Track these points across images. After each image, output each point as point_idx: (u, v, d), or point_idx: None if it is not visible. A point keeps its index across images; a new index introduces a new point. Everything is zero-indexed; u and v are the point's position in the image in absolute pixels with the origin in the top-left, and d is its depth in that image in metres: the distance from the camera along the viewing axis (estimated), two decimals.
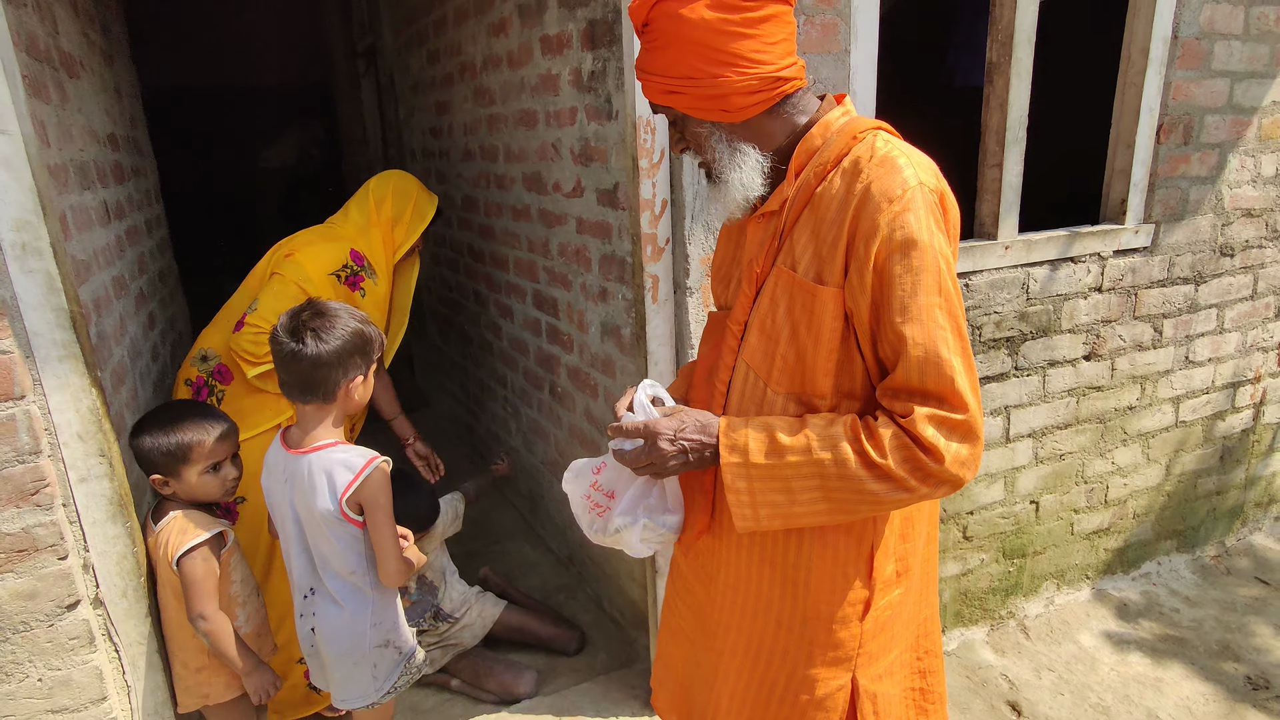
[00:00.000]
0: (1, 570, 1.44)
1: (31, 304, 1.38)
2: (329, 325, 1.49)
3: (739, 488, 1.08)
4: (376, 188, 2.45)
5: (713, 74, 1.04)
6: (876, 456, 1.01)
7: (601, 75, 2.02)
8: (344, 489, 1.49)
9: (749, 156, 1.10)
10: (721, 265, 1.29)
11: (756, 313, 1.13)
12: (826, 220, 1.06)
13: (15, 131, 1.31)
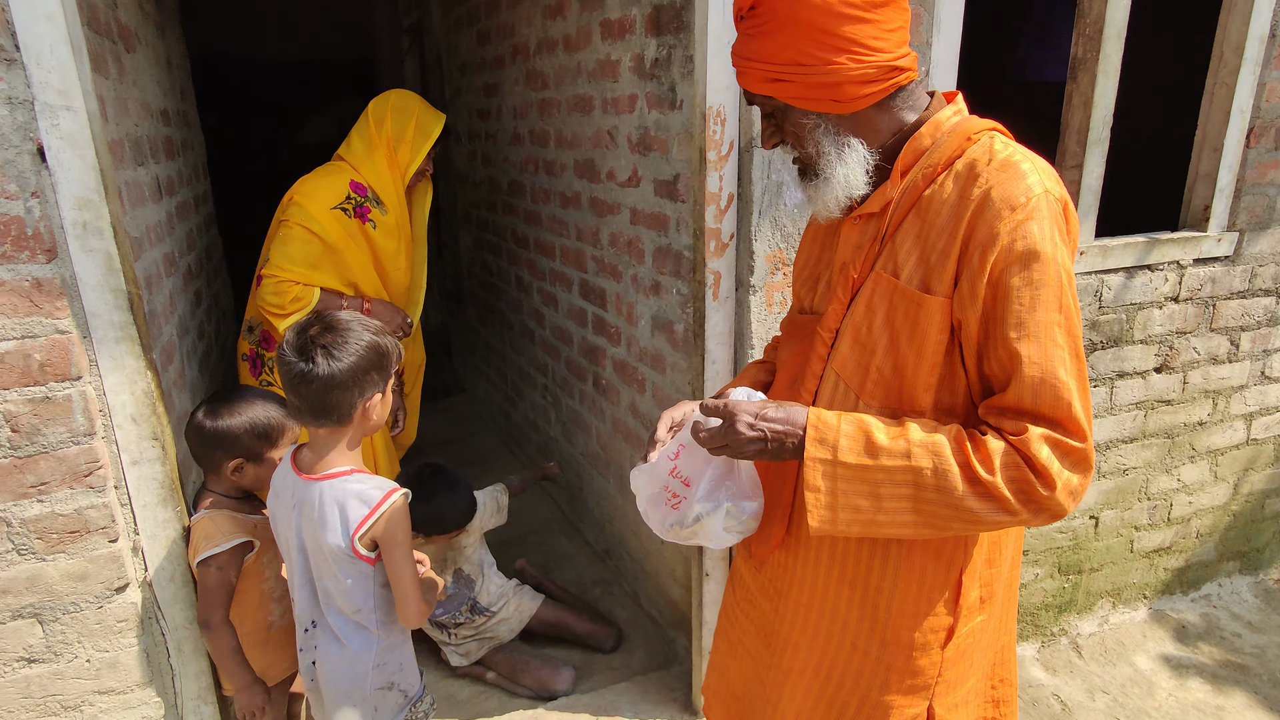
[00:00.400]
0: (54, 550, 1.43)
1: (91, 284, 1.35)
2: (340, 341, 1.34)
3: (819, 485, 1.00)
4: (375, 109, 2.32)
5: (827, 60, 0.97)
6: (983, 472, 0.94)
7: (666, 63, 1.95)
8: (357, 525, 1.36)
9: (856, 152, 1.03)
10: (806, 266, 1.22)
11: (850, 320, 1.07)
12: (936, 226, 1.00)
13: (81, 109, 1.28)
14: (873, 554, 1.09)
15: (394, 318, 2.37)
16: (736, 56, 1.05)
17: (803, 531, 1.14)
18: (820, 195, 1.07)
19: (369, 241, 2.30)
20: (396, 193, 2.35)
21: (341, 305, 2.23)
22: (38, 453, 1.37)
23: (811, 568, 1.14)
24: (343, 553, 1.38)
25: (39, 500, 1.40)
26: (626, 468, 2.59)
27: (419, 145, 2.32)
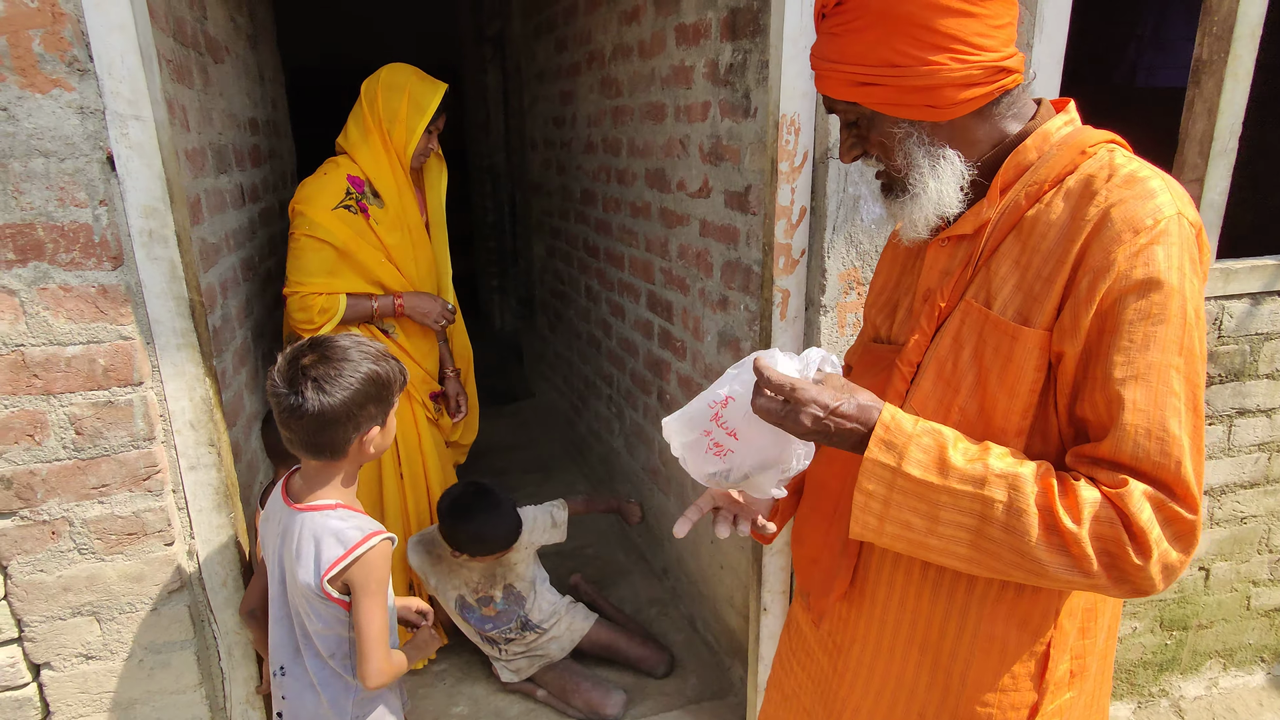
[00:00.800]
0: (112, 551, 1.45)
1: (155, 291, 1.37)
2: (334, 373, 1.23)
3: (873, 491, 0.89)
4: (367, 89, 2.15)
5: (924, 59, 0.86)
6: (1068, 521, 0.81)
7: (741, 69, 1.86)
8: (329, 565, 1.25)
9: (951, 165, 0.92)
10: (883, 291, 1.11)
11: (934, 354, 0.95)
12: (1041, 251, 0.87)
13: (149, 118, 1.29)
14: (948, 616, 0.98)
15: (433, 307, 2.25)
16: (817, 59, 0.95)
17: (869, 585, 1.04)
18: (907, 213, 0.96)
19: (378, 237, 2.17)
20: (395, 180, 2.18)
21: (373, 308, 2.15)
22: (100, 455, 1.40)
23: (877, 625, 1.03)
24: (312, 591, 1.28)
25: (100, 502, 1.42)
26: (688, 486, 2.50)
27: (414, 122, 2.12)
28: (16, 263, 1.27)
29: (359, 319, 2.17)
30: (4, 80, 1.20)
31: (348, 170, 2.15)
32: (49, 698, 1.49)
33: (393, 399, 1.32)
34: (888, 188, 1.00)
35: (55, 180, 1.26)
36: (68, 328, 1.32)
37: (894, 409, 0.91)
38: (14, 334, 1.30)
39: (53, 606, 1.44)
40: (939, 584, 0.97)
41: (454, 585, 2.25)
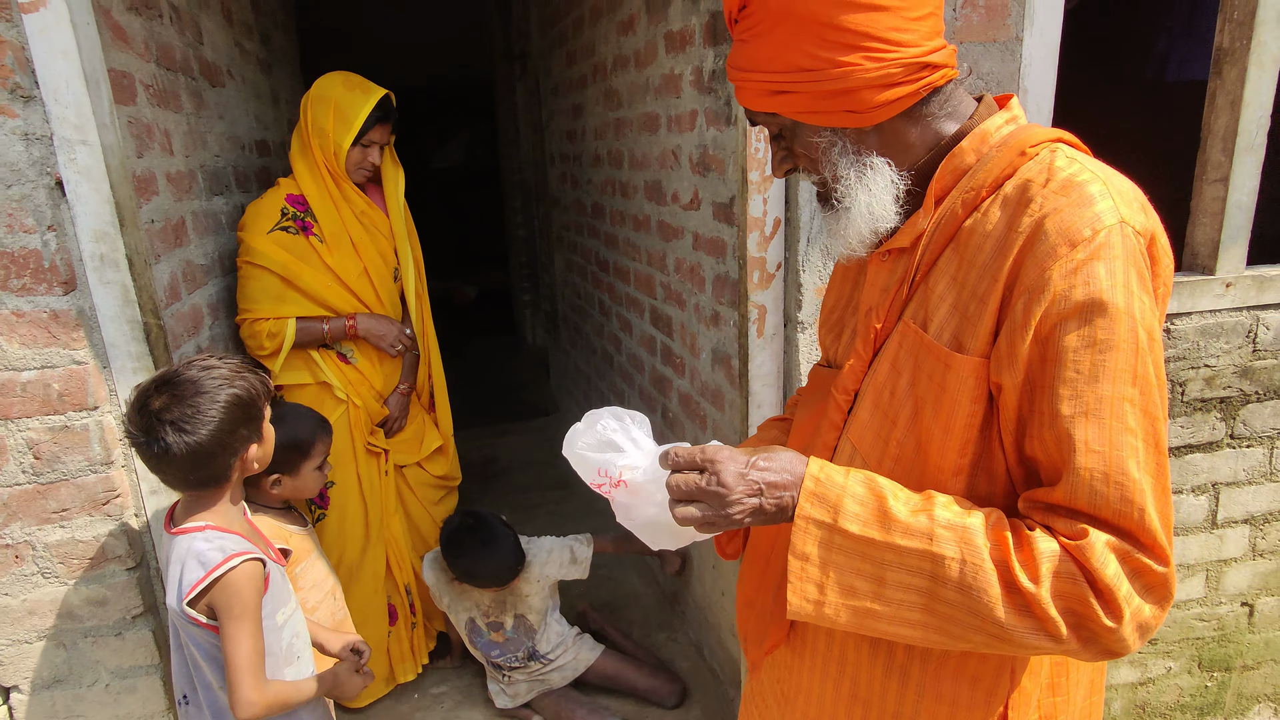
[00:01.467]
0: (74, 575, 1.45)
1: (109, 315, 1.37)
2: (190, 410, 1.16)
3: (809, 553, 0.78)
4: (302, 102, 2.04)
5: (837, 61, 0.78)
6: (1024, 579, 0.71)
7: (722, 75, 1.78)
8: (190, 588, 1.19)
9: (880, 174, 0.83)
10: (833, 311, 1.02)
11: (872, 380, 0.87)
12: (976, 265, 0.78)
13: (95, 143, 1.29)
14: (889, 673, 0.88)
15: (389, 330, 2.13)
16: (732, 69, 0.88)
17: (808, 633, 0.94)
18: (840, 228, 0.87)
19: (321, 258, 2.05)
20: (330, 198, 2.05)
21: (324, 330, 2.05)
22: (58, 480, 1.40)
23: (819, 678, 0.94)
24: (178, 615, 1.23)
25: (61, 526, 1.42)
26: None
27: (341, 137, 1.98)
28: None
29: (312, 343, 2.07)
30: None
31: (288, 190, 2.07)
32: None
33: (261, 411, 1.27)
34: (823, 200, 0.91)
35: (3, 207, 1.27)
36: (21, 353, 1.33)
37: (823, 461, 0.82)
38: None
39: (18, 630, 1.45)
40: (877, 641, 0.87)
41: (465, 607, 2.22)
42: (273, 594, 1.30)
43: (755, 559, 1.01)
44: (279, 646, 1.33)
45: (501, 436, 4.31)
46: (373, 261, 2.15)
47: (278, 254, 1.99)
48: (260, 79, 2.87)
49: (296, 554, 1.73)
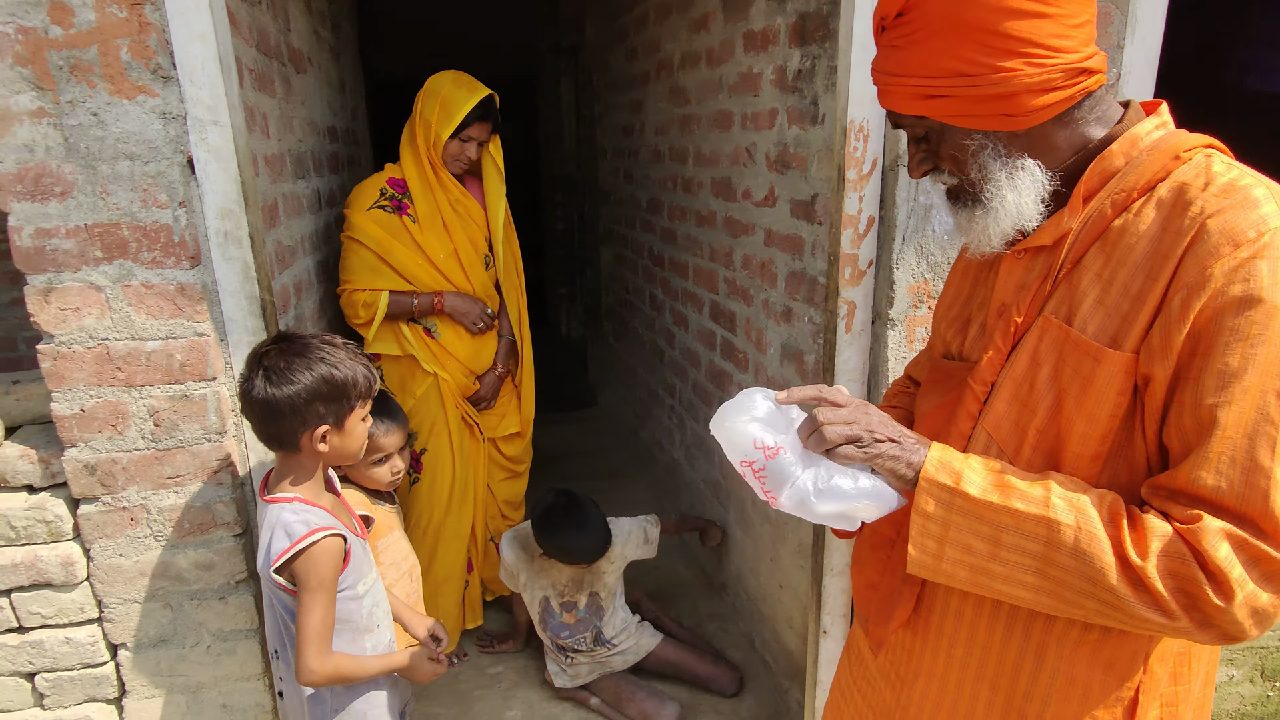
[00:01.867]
0: (185, 540, 1.51)
1: (229, 290, 1.42)
2: (284, 365, 1.24)
3: (930, 512, 0.84)
4: (417, 96, 2.21)
5: (996, 66, 0.81)
6: (1133, 554, 0.76)
7: (809, 75, 1.82)
8: (276, 557, 1.26)
9: (1030, 175, 0.86)
10: (954, 305, 1.06)
11: (1010, 373, 0.90)
12: (1127, 264, 0.81)
13: (227, 124, 1.34)
14: (1023, 653, 0.91)
15: (472, 309, 2.29)
16: (878, 73, 0.91)
17: (934, 616, 0.97)
18: (980, 226, 0.90)
19: (413, 236, 2.22)
20: (425, 183, 2.22)
21: (413, 304, 2.21)
22: (175, 446, 1.46)
23: (944, 659, 0.97)
24: (266, 579, 1.29)
25: (174, 491, 1.48)
26: (747, 500, 2.45)
27: (441, 128, 2.15)
28: (103, 260, 1.34)
29: (401, 315, 2.24)
30: (94, 87, 1.27)
31: (392, 174, 2.24)
32: (124, 677, 1.56)
33: (350, 402, 1.29)
34: (957, 198, 0.94)
35: (139, 182, 1.32)
36: (148, 323, 1.38)
37: (941, 445, 0.89)
38: (100, 328, 1.37)
39: (129, 590, 1.51)
40: (1014, 619, 0.90)
41: (542, 586, 2.28)
42: (354, 566, 1.35)
43: (879, 544, 1.04)
44: (360, 616, 1.38)
45: (545, 427, 4.36)
46: (462, 245, 2.28)
47: (374, 230, 2.17)
48: (332, 66, 2.93)
49: (378, 528, 1.77)
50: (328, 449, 1.29)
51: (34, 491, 1.48)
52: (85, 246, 1.32)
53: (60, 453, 1.43)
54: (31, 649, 1.50)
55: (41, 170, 1.28)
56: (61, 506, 1.45)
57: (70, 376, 1.38)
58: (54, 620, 1.50)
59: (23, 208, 1.29)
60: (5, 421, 1.48)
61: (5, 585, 1.46)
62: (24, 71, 1.23)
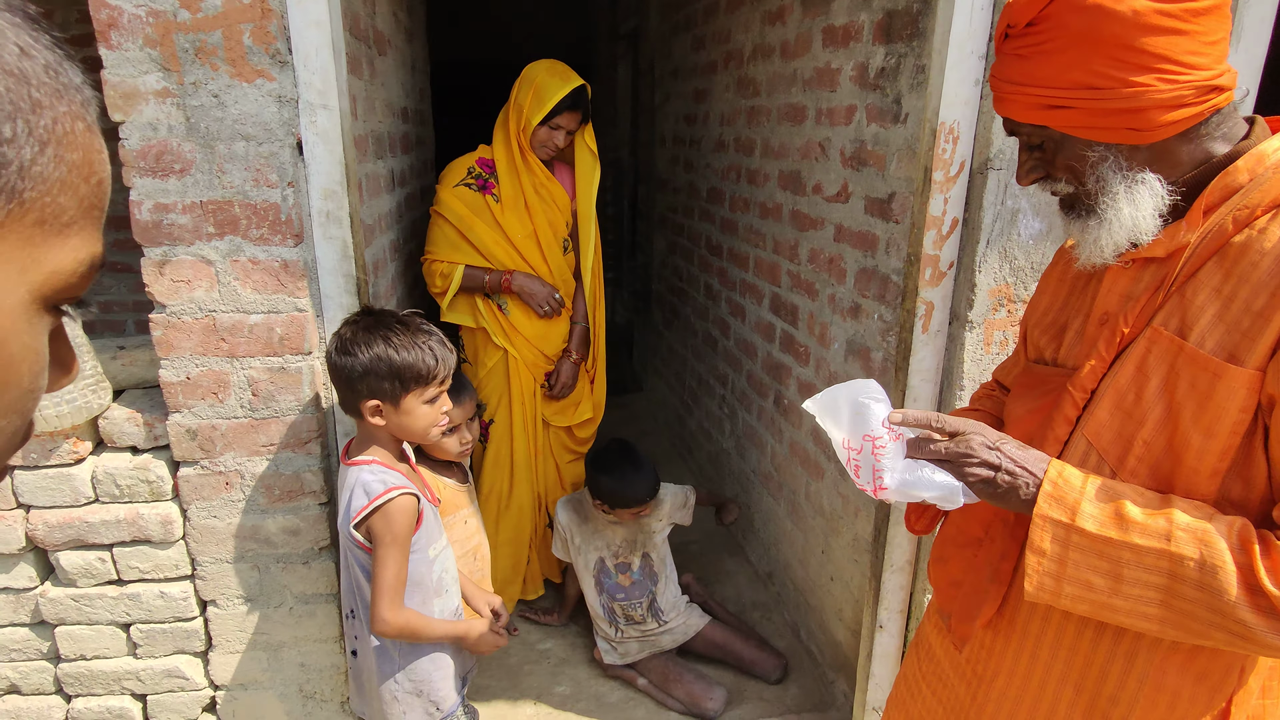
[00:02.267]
0: (274, 505, 1.58)
1: (328, 268, 1.48)
2: (353, 337, 1.32)
3: (1046, 549, 0.85)
4: (516, 82, 2.29)
5: (1128, 81, 0.82)
6: (1268, 582, 0.76)
7: (893, 73, 1.81)
8: (356, 513, 1.33)
9: (1150, 189, 0.86)
10: (1049, 311, 1.06)
11: (1113, 382, 0.91)
12: (1251, 281, 0.81)
13: (335, 108, 1.39)
14: (1111, 658, 0.92)
15: (540, 290, 2.34)
16: (999, 80, 0.91)
17: (1020, 615, 0.99)
18: (1092, 237, 0.91)
19: (494, 215, 2.31)
20: (512, 165, 2.30)
21: (484, 280, 2.29)
22: (270, 416, 1.52)
23: (1027, 659, 0.99)
24: (347, 537, 1.37)
25: (267, 459, 1.55)
26: (800, 492, 2.47)
27: (532, 113, 2.22)
28: (215, 236, 1.40)
29: (475, 289, 2.33)
30: (216, 70, 1.33)
31: (483, 154, 2.34)
32: (212, 632, 1.64)
33: (405, 385, 1.34)
34: (1070, 207, 0.95)
35: (253, 162, 1.37)
36: (253, 297, 1.45)
37: (1062, 463, 0.89)
38: (208, 300, 1.43)
39: (222, 550, 1.59)
40: (1103, 625, 0.92)
41: (596, 547, 2.36)
42: (425, 530, 1.41)
43: (965, 542, 1.06)
44: (430, 578, 1.44)
45: None
46: (542, 228, 2.35)
47: (457, 206, 2.29)
48: (406, 48, 2.97)
49: (445, 506, 1.84)
50: (384, 423, 1.36)
51: (137, 453, 1.55)
52: (199, 222, 1.38)
53: (164, 417, 1.51)
54: (129, 601, 1.58)
55: (164, 148, 1.34)
56: (163, 468, 1.52)
57: (179, 345, 1.44)
58: (150, 575, 1.58)
59: (144, 183, 1.35)
60: (113, 385, 1.56)
61: (108, 540, 1.54)
62: (152, 53, 1.28)
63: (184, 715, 1.67)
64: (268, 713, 1.70)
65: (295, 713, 1.70)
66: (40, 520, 1.50)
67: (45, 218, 0.35)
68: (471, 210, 2.29)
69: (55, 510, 1.50)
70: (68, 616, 1.57)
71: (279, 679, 1.68)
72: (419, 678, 1.45)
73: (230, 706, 1.69)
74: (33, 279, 0.35)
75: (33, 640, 1.59)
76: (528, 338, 2.40)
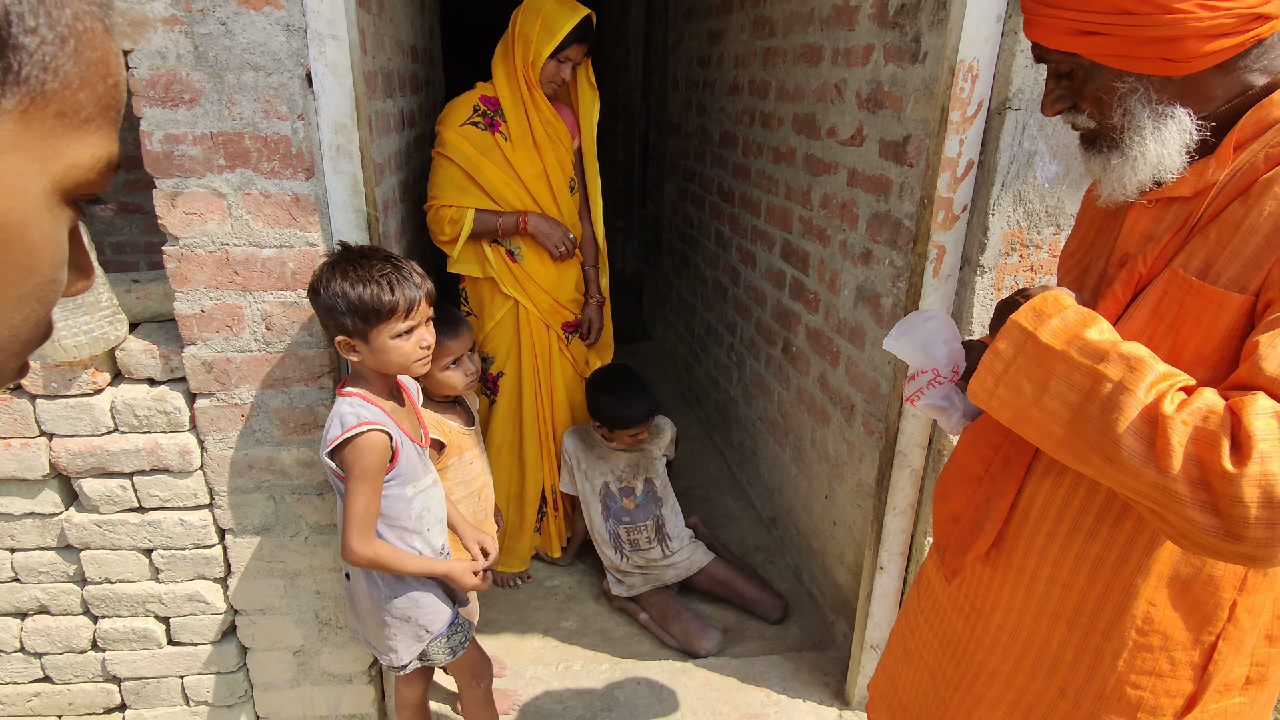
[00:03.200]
0: (289, 437, 1.61)
1: (339, 203, 1.48)
2: (322, 275, 1.34)
3: (1000, 349, 0.87)
4: (515, 13, 2.19)
5: (1169, 7, 0.78)
6: (1168, 406, 0.73)
7: (914, 10, 1.77)
8: (330, 443, 1.35)
9: (1178, 124, 0.83)
10: (1075, 252, 1.05)
11: (1128, 326, 0.90)
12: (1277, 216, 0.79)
13: (344, 39, 1.37)
14: (1105, 596, 0.94)
15: (554, 231, 2.27)
16: (1037, 3, 0.87)
17: (1016, 552, 1.01)
18: (1115, 174, 0.88)
19: (504, 154, 2.22)
20: (519, 101, 2.19)
21: (497, 223, 2.21)
22: (283, 350, 1.54)
23: (1022, 595, 1.01)
24: (327, 465, 1.38)
25: (282, 391, 1.57)
26: (805, 439, 2.50)
27: (542, 45, 2.11)
28: (226, 168, 1.40)
29: (486, 234, 2.24)
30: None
31: (484, 91, 2.23)
32: (231, 559, 1.69)
33: (370, 321, 1.32)
34: (1091, 143, 0.92)
35: (262, 93, 1.37)
36: (265, 231, 1.45)
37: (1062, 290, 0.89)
38: (221, 234, 1.44)
39: (238, 480, 1.62)
40: (1101, 562, 0.93)
41: (601, 472, 2.43)
42: (403, 468, 1.42)
43: (966, 479, 1.08)
44: (408, 516, 1.46)
45: None
46: (552, 167, 2.27)
47: (464, 146, 2.17)
48: None
49: (451, 449, 1.85)
50: (359, 358, 1.37)
51: (154, 384, 1.58)
52: (210, 154, 1.38)
53: (180, 349, 1.53)
54: (150, 528, 1.63)
55: (172, 77, 1.33)
56: (180, 400, 1.55)
57: (192, 278, 1.46)
58: (170, 503, 1.62)
59: (154, 113, 1.34)
60: (129, 318, 1.58)
61: (128, 468, 1.58)
62: None
63: (205, 637, 1.73)
64: (285, 636, 1.76)
65: (311, 637, 1.77)
66: (63, 448, 1.54)
67: (66, 110, 0.35)
68: (480, 150, 2.20)
69: (77, 439, 1.54)
70: (92, 541, 1.62)
71: (295, 605, 1.73)
72: (403, 607, 1.49)
73: (249, 630, 1.75)
74: (54, 169, 0.36)
75: (60, 564, 1.65)
76: (542, 285, 2.34)
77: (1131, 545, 0.91)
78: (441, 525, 1.56)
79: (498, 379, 2.42)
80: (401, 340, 1.36)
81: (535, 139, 2.24)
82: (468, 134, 2.19)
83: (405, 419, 1.46)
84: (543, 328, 2.39)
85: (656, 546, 2.40)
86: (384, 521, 1.42)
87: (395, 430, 1.39)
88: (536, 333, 2.40)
